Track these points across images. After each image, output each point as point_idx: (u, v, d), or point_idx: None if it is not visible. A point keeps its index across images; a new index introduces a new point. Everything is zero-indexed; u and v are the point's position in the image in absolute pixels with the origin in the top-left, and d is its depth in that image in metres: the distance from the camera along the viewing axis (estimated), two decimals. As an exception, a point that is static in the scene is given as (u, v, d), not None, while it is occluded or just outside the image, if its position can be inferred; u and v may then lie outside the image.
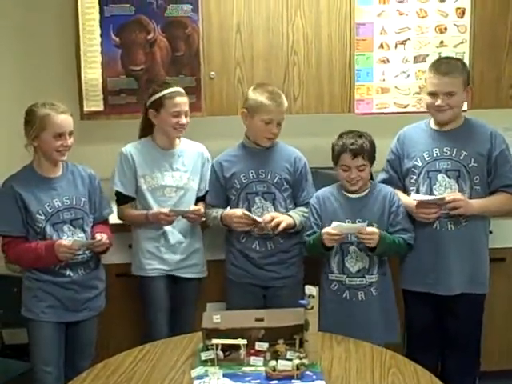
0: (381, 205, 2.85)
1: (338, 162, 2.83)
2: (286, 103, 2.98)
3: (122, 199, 3.08)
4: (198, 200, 3.14)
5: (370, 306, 2.81)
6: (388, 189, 2.91)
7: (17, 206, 2.70)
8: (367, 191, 2.87)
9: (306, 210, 2.98)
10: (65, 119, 2.73)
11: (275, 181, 2.97)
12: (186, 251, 3.07)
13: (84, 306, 2.81)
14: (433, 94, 2.84)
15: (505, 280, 3.35)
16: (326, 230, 2.74)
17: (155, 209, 3.01)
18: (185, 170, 3.09)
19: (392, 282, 2.90)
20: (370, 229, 2.72)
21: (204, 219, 3.10)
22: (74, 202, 2.80)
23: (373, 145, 2.83)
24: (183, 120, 3.01)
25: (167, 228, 3.03)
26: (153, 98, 3.02)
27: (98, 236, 2.79)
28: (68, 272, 2.77)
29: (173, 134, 3.05)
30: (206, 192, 3.14)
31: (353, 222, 2.79)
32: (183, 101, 3.02)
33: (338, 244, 2.79)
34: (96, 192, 2.91)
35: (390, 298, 2.89)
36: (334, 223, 2.73)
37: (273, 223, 2.87)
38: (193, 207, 3.04)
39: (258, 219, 2.89)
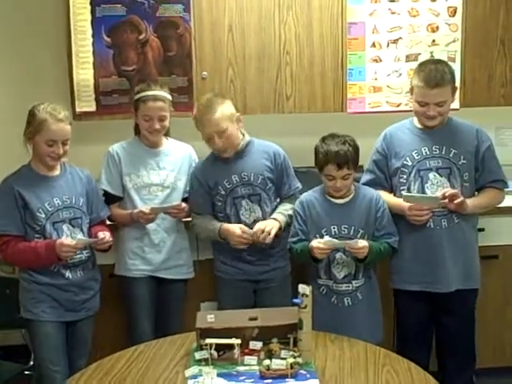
0: (366, 209, 2.81)
1: (323, 171, 2.78)
2: (217, 114, 2.85)
3: (109, 198, 3.06)
4: (185, 201, 3.09)
5: (356, 310, 2.78)
6: (372, 192, 2.88)
7: (16, 205, 2.69)
8: (352, 196, 2.83)
9: (289, 206, 2.98)
10: (60, 128, 2.70)
11: (259, 182, 2.96)
12: (171, 251, 3.06)
13: (82, 306, 2.81)
14: (422, 104, 2.83)
15: (498, 277, 3.35)
16: (316, 244, 2.70)
17: (140, 207, 2.99)
18: (171, 168, 3.07)
19: (377, 285, 2.89)
20: (360, 243, 2.69)
21: (187, 219, 3.08)
22: (74, 202, 2.79)
23: (357, 150, 2.78)
24: (156, 125, 2.98)
25: (151, 227, 3.02)
26: (134, 99, 3.03)
27: (101, 234, 2.80)
28: (67, 274, 2.76)
29: (147, 136, 3.04)
30: None
31: (339, 228, 2.76)
32: (157, 106, 2.97)
33: None
34: (94, 193, 2.92)
35: (375, 300, 2.87)
36: (326, 238, 2.69)
37: (264, 234, 2.87)
38: (174, 202, 3.01)
39: (250, 232, 2.89)
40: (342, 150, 2.72)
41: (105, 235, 2.80)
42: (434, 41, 3.49)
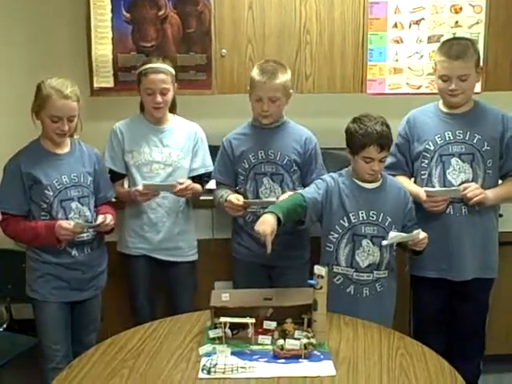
0: (395, 199, 2.70)
1: (360, 153, 2.60)
2: (279, 80, 2.84)
3: (113, 176, 3.04)
4: (193, 180, 3.03)
5: (372, 302, 2.66)
6: (397, 182, 2.78)
7: (21, 184, 2.67)
8: (380, 182, 2.71)
9: None
10: (64, 105, 2.65)
11: (284, 162, 2.93)
12: (170, 232, 3.02)
13: (89, 284, 2.81)
14: (445, 79, 2.79)
15: (513, 263, 3.33)
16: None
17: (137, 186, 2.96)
18: (175, 147, 3.02)
19: (396, 277, 2.79)
20: (421, 234, 2.59)
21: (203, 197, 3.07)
22: (82, 180, 2.77)
23: (390, 131, 2.67)
24: (158, 98, 2.93)
25: (150, 205, 2.98)
26: (137, 74, 3.00)
27: (101, 218, 2.76)
28: (74, 252, 2.75)
29: (152, 113, 2.99)
30: (206, 174, 3.10)
31: (367, 213, 2.63)
32: (158, 78, 2.93)
33: (351, 236, 2.64)
34: (102, 173, 2.90)
35: (392, 293, 2.75)
36: (392, 233, 2.56)
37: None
38: (169, 181, 2.96)
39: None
40: (385, 132, 2.60)
41: (105, 218, 2.76)
42: (457, 22, 3.44)
